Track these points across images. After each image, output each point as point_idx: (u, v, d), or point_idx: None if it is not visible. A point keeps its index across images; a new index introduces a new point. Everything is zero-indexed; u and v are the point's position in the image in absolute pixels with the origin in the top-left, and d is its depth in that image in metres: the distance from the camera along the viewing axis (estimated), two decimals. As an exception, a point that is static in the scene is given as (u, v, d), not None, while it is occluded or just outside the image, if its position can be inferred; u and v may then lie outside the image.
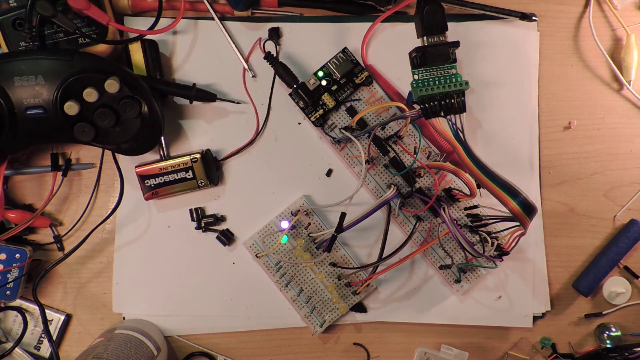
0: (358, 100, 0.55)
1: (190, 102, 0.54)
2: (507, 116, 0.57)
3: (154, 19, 0.53)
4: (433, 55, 0.48)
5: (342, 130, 0.54)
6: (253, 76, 0.56)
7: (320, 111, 0.55)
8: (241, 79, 0.56)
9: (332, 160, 0.56)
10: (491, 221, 0.53)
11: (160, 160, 0.54)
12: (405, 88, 0.56)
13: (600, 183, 0.57)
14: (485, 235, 0.53)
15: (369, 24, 0.55)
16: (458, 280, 0.55)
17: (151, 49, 0.53)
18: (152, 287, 0.56)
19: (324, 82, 0.54)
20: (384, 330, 0.57)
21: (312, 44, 0.56)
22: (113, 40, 0.52)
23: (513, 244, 0.51)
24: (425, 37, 0.49)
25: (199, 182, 0.54)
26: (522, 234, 0.49)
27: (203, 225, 0.56)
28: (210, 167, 0.54)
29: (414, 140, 0.55)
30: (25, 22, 0.48)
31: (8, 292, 0.53)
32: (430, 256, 0.56)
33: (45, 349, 0.56)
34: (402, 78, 0.56)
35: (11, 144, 0.49)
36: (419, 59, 0.49)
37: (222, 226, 0.56)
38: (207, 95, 0.54)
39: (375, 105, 0.54)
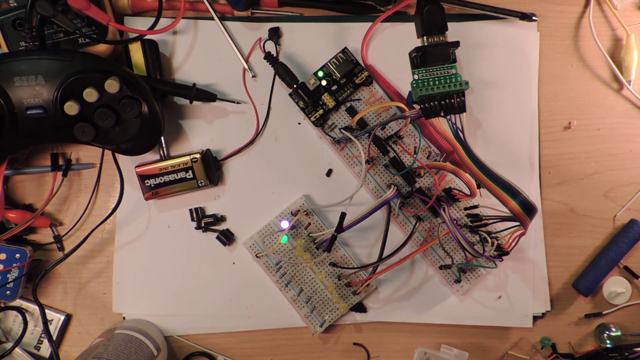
0: (358, 100, 0.55)
1: (190, 102, 0.54)
2: (507, 116, 0.57)
3: (154, 19, 0.53)
4: (433, 55, 0.48)
5: (342, 130, 0.54)
6: (253, 76, 0.56)
7: (320, 111, 0.55)
8: (241, 79, 0.56)
9: (332, 160, 0.56)
10: (491, 221, 0.53)
11: (160, 160, 0.54)
12: (405, 88, 0.56)
13: (600, 183, 0.57)
14: (485, 235, 0.53)
15: (369, 24, 0.55)
16: (458, 280, 0.55)
17: (151, 49, 0.53)
18: (152, 287, 0.56)
19: (324, 82, 0.54)
20: (384, 330, 0.57)
21: (312, 44, 0.56)
22: (113, 40, 0.52)
23: (513, 244, 0.51)
24: (425, 37, 0.49)
25: (199, 182, 0.54)
26: (522, 234, 0.49)
27: (203, 225, 0.56)
28: (210, 167, 0.54)
29: (414, 140, 0.55)
30: (25, 22, 0.48)
31: (8, 292, 0.53)
32: (430, 256, 0.56)
33: (45, 349, 0.56)
34: (402, 78, 0.56)
35: (11, 144, 0.49)
36: (419, 59, 0.49)
37: (222, 226, 0.56)
38: (207, 95, 0.54)
39: (375, 105, 0.54)
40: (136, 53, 0.52)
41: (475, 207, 0.55)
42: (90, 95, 0.46)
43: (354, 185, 0.56)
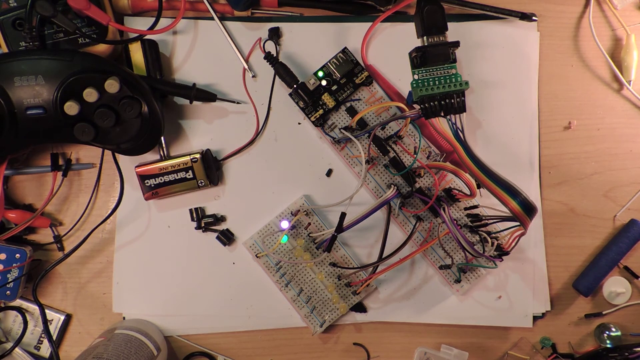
0: (358, 100, 0.55)
1: (190, 102, 0.54)
2: (507, 116, 0.57)
3: (154, 19, 0.53)
4: (433, 55, 0.48)
5: (342, 130, 0.54)
6: (253, 76, 0.56)
7: (320, 111, 0.55)
8: (241, 79, 0.56)
9: (332, 160, 0.56)
10: (491, 221, 0.53)
11: (160, 160, 0.54)
12: (405, 88, 0.56)
13: (600, 183, 0.57)
14: (485, 235, 0.53)
15: (369, 24, 0.55)
16: (458, 280, 0.55)
17: (151, 49, 0.53)
18: (152, 287, 0.56)
19: (324, 82, 0.54)
20: (384, 330, 0.57)
21: (312, 44, 0.56)
22: (113, 40, 0.52)
23: (513, 244, 0.51)
24: (425, 37, 0.49)
25: (199, 182, 0.54)
26: (522, 234, 0.49)
27: (203, 225, 0.56)
28: (210, 167, 0.54)
29: (414, 140, 0.55)
30: (25, 22, 0.48)
31: (8, 292, 0.53)
32: (430, 256, 0.56)
33: (45, 349, 0.56)
34: (402, 78, 0.56)
35: (11, 144, 0.49)
36: (419, 59, 0.49)
37: (222, 226, 0.56)
38: (207, 95, 0.54)
39: (375, 105, 0.54)
40: (136, 53, 0.52)
41: (475, 207, 0.55)
42: (90, 95, 0.46)
43: (354, 185, 0.56)
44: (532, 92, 0.57)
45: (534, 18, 0.56)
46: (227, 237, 0.55)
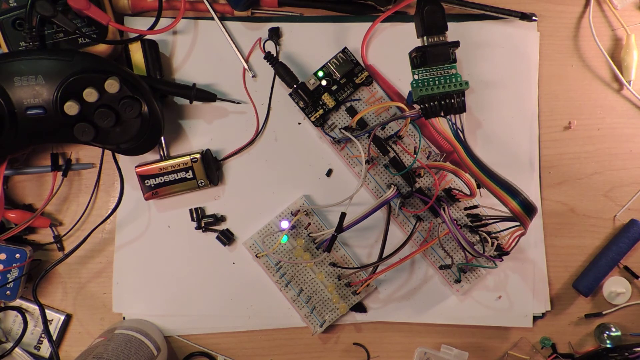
0: (358, 100, 0.55)
1: (190, 102, 0.54)
2: (507, 116, 0.57)
3: (154, 19, 0.53)
4: (433, 55, 0.48)
5: (342, 130, 0.54)
6: (253, 76, 0.56)
7: (320, 111, 0.55)
8: (241, 79, 0.56)
9: (332, 160, 0.56)
10: (491, 221, 0.53)
11: (160, 160, 0.54)
12: (405, 88, 0.56)
13: (600, 183, 0.57)
14: (485, 235, 0.53)
15: (369, 24, 0.55)
16: (458, 280, 0.55)
17: (151, 49, 0.53)
18: (152, 287, 0.56)
19: (324, 82, 0.54)
20: (384, 330, 0.57)
21: (312, 44, 0.56)
22: (113, 40, 0.52)
23: (513, 244, 0.51)
24: (425, 37, 0.49)
25: (199, 182, 0.54)
26: (522, 234, 0.49)
27: (203, 225, 0.56)
28: (210, 167, 0.54)
29: (414, 140, 0.55)
30: (25, 22, 0.48)
31: (8, 292, 0.53)
32: (430, 256, 0.56)
33: (45, 349, 0.56)
34: (402, 78, 0.56)
35: (11, 144, 0.49)
36: (419, 59, 0.49)
37: (222, 226, 0.56)
38: (207, 95, 0.54)
39: (375, 105, 0.54)
40: (136, 53, 0.52)
41: (475, 207, 0.55)
42: (90, 95, 0.46)
43: (354, 185, 0.56)
44: (532, 92, 0.57)
45: (534, 18, 0.56)
46: (227, 237, 0.55)
